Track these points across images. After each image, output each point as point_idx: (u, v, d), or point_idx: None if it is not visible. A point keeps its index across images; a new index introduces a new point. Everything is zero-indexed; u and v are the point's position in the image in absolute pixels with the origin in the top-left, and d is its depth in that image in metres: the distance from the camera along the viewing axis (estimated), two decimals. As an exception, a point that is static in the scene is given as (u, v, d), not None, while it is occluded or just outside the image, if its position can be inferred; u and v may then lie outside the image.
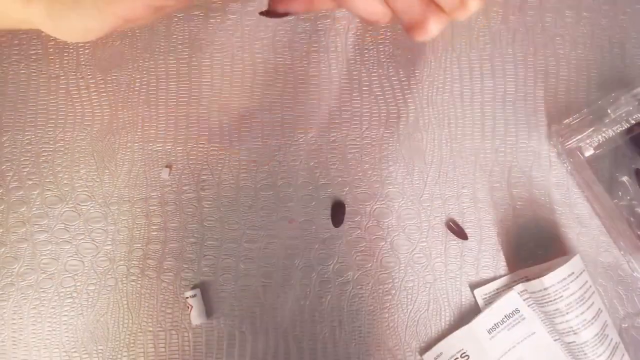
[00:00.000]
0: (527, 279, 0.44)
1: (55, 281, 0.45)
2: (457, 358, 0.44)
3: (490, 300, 0.45)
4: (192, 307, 0.44)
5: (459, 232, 0.45)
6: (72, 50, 0.47)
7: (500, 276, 0.45)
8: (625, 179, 0.46)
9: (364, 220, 0.46)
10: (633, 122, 0.45)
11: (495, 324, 0.44)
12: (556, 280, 0.41)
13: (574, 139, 0.45)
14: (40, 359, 0.44)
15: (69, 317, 0.44)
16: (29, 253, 0.45)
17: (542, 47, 0.48)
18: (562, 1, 0.48)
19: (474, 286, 0.45)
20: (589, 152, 0.45)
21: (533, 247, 0.46)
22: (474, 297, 0.45)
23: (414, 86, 0.47)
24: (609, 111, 0.44)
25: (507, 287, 0.45)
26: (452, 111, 0.47)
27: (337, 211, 0.45)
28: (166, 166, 0.46)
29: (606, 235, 0.46)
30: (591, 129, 0.45)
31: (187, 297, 0.44)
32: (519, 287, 0.44)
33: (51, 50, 0.46)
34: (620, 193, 0.46)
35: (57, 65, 0.46)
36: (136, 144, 0.46)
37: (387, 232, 0.46)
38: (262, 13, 0.32)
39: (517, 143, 0.47)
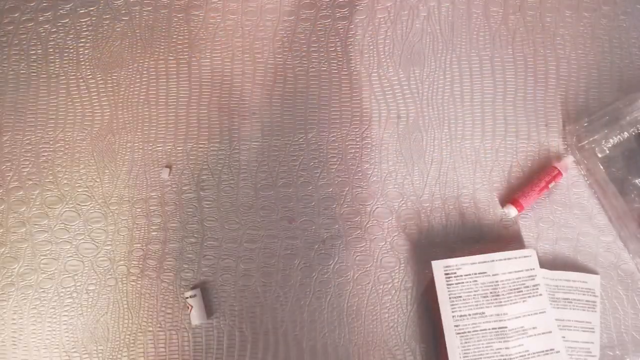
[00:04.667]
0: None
1: (55, 281, 0.45)
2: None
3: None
4: (192, 307, 0.44)
5: None
6: (72, 50, 0.47)
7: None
8: (638, 181, 0.45)
9: (364, 220, 0.46)
10: None
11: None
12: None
13: (586, 141, 0.44)
14: (40, 359, 0.44)
15: (69, 317, 0.44)
16: (28, 253, 0.45)
17: (542, 47, 0.48)
18: (562, 1, 0.48)
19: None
20: (602, 154, 0.45)
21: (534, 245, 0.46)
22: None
23: (414, 86, 0.47)
24: (623, 114, 0.44)
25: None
26: (452, 111, 0.47)
27: None
28: (166, 166, 0.46)
29: (607, 235, 0.46)
30: (605, 131, 0.44)
31: (187, 297, 0.44)
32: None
33: (51, 50, 0.46)
34: (632, 195, 0.45)
35: (57, 65, 0.46)
36: (136, 144, 0.46)
37: (387, 232, 0.46)
38: None
39: (517, 143, 0.47)
